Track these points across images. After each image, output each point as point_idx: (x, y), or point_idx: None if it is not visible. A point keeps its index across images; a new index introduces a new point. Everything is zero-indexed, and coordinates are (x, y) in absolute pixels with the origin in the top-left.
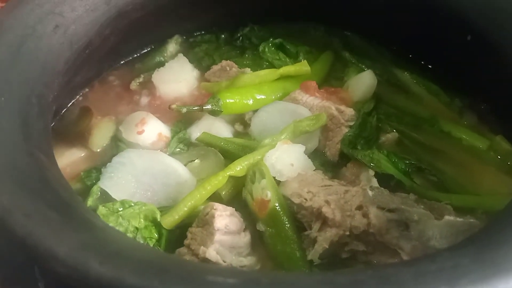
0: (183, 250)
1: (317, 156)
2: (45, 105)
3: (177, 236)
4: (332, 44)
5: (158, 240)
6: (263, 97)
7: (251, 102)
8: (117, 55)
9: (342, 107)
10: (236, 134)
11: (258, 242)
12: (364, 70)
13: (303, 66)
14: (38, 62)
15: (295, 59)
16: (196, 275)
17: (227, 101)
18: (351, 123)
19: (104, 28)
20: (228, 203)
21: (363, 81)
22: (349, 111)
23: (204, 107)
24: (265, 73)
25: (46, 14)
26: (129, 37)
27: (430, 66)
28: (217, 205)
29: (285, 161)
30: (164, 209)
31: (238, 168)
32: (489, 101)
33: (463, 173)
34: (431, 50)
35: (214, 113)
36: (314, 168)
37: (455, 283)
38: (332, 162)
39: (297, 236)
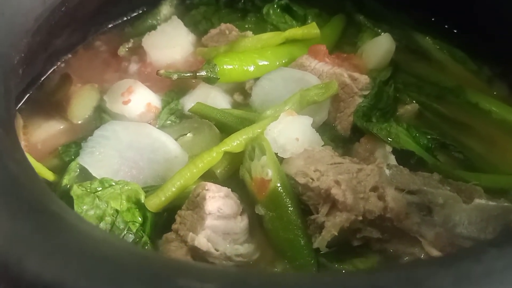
0: (170, 235)
1: (326, 130)
2: (8, 67)
3: (164, 220)
4: (345, 7)
5: (142, 224)
6: (265, 63)
7: (252, 68)
8: (104, 17)
9: (356, 75)
10: (235, 105)
11: (257, 227)
12: (380, 35)
13: (311, 29)
14: (3, 18)
15: (303, 22)
16: (163, 278)
17: (225, 67)
18: (366, 93)
19: None
20: (223, 182)
21: (379, 46)
22: (364, 79)
23: (198, 74)
24: (269, 37)
25: None
26: (110, 3)
27: (455, 31)
28: (210, 185)
29: (289, 135)
30: (150, 189)
31: (235, 143)
32: None
33: (493, 150)
34: (456, 11)
35: (209, 80)
36: (323, 143)
37: None
38: (343, 137)
39: (302, 221)
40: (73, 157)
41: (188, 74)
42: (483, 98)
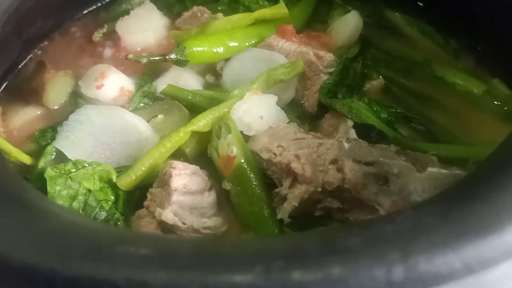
0: (142, 212)
1: (294, 107)
2: None
3: (137, 197)
4: None
5: (115, 202)
6: (235, 44)
7: (221, 50)
8: (78, 3)
9: (321, 53)
10: (207, 85)
11: (225, 201)
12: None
13: (280, 9)
14: None
15: (275, 2)
16: (105, 246)
17: (194, 49)
18: (331, 70)
19: None
20: (193, 160)
21: (347, 24)
22: (329, 57)
23: (167, 57)
24: (238, 18)
25: None
26: None
27: (422, 5)
28: (176, 164)
29: (254, 113)
30: (123, 169)
31: (201, 122)
32: (488, 42)
33: (457, 122)
34: None
35: (179, 63)
36: (288, 120)
37: (410, 249)
38: (310, 114)
39: (267, 194)
40: (49, 141)
41: (158, 58)
42: (448, 71)
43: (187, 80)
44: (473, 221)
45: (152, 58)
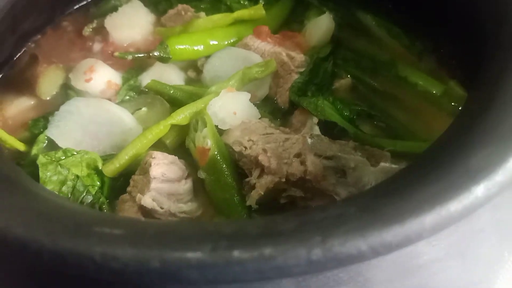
0: (125, 197)
1: (268, 103)
2: None
3: (121, 183)
4: None
5: (101, 188)
6: (215, 42)
7: (202, 48)
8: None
9: (293, 53)
10: (189, 80)
11: (201, 189)
12: (325, 13)
13: (258, 10)
14: None
15: (255, 1)
16: (82, 226)
17: (176, 47)
18: (302, 70)
19: None
20: (173, 151)
21: (320, 25)
22: (300, 57)
23: (151, 54)
24: (219, 18)
25: None
26: None
27: (391, 7)
28: (156, 154)
29: (228, 109)
30: (108, 157)
31: (180, 116)
32: (448, 45)
33: (415, 119)
34: None
35: (162, 60)
36: (260, 116)
37: (330, 233)
38: (282, 109)
39: (238, 182)
40: (41, 130)
41: (142, 55)
42: (411, 72)
43: (170, 75)
44: (384, 212)
45: (136, 55)
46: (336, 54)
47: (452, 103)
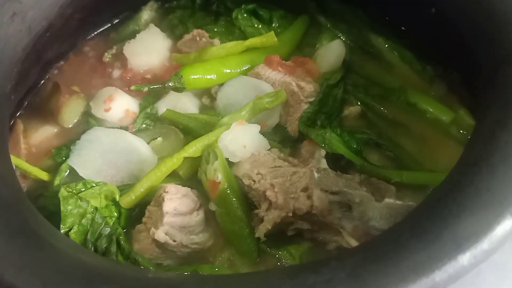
0: (141, 227)
1: (278, 131)
2: (1, 96)
3: (137, 214)
4: (308, 7)
5: (118, 218)
6: (228, 71)
7: (215, 77)
8: (90, 25)
9: (302, 83)
10: (203, 107)
11: (212, 219)
12: (338, 36)
13: (269, 38)
14: None
15: (268, 25)
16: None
17: (191, 77)
18: (311, 99)
19: (65, 9)
20: (187, 181)
21: (331, 52)
22: (309, 88)
23: (166, 85)
24: (232, 46)
25: (3, 2)
26: (98, 9)
27: (403, 29)
28: (169, 187)
29: (239, 142)
30: (126, 187)
31: (192, 149)
32: (460, 71)
33: (423, 148)
34: (407, 13)
35: (177, 90)
36: (269, 147)
37: None
38: (292, 138)
39: (247, 214)
40: (64, 158)
41: (157, 86)
42: (421, 98)
43: (185, 103)
44: (371, 281)
45: (152, 87)
46: (347, 79)
47: (461, 131)
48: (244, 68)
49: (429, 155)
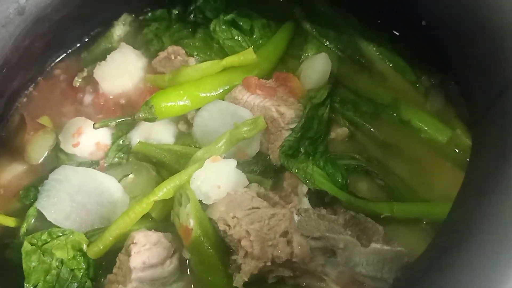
0: (112, 277)
1: (259, 159)
2: None
3: (107, 262)
4: (294, 14)
5: (87, 269)
6: (204, 94)
7: (189, 103)
8: (57, 47)
9: (283, 109)
10: (180, 134)
11: (187, 264)
12: (325, 45)
13: (248, 55)
14: None
15: (249, 36)
16: None
17: (163, 105)
18: (293, 126)
19: (21, 41)
20: (161, 222)
21: (316, 66)
22: (289, 114)
23: (136, 116)
24: (207, 66)
25: None
26: (64, 29)
27: (398, 33)
28: (138, 237)
29: (212, 182)
30: (97, 233)
31: (162, 193)
32: (459, 80)
33: (417, 171)
34: (400, 14)
35: (148, 120)
36: (247, 183)
37: None
38: (275, 167)
39: (224, 261)
40: (32, 200)
41: (125, 119)
42: (415, 114)
43: (159, 131)
44: None
45: (119, 120)
46: (334, 94)
47: (459, 152)
48: (221, 91)
49: (424, 179)
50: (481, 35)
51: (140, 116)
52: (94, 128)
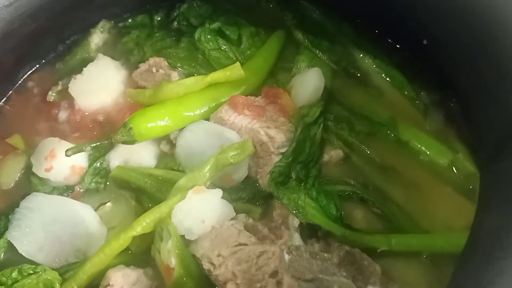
0: None
1: (248, 185)
2: None
3: None
4: (285, 21)
5: None
6: (188, 113)
7: (171, 123)
8: (29, 58)
9: (272, 132)
10: (162, 155)
11: None
12: (318, 56)
13: (235, 70)
14: None
15: (237, 46)
16: None
17: (142, 127)
18: (283, 150)
19: None
20: (141, 254)
21: (308, 81)
22: (280, 138)
23: (113, 140)
24: (191, 82)
25: None
26: (36, 40)
27: (398, 46)
28: (115, 278)
29: (196, 216)
30: (71, 268)
31: (139, 228)
32: (460, 97)
33: (416, 197)
34: (398, 23)
35: (127, 143)
36: (234, 214)
37: None
38: (264, 193)
39: None
40: (2, 229)
41: (101, 143)
42: (415, 134)
43: (140, 153)
44: None
45: (94, 145)
46: (327, 112)
47: (461, 176)
48: (206, 109)
49: (423, 206)
50: (484, 61)
51: (118, 139)
52: (66, 155)
